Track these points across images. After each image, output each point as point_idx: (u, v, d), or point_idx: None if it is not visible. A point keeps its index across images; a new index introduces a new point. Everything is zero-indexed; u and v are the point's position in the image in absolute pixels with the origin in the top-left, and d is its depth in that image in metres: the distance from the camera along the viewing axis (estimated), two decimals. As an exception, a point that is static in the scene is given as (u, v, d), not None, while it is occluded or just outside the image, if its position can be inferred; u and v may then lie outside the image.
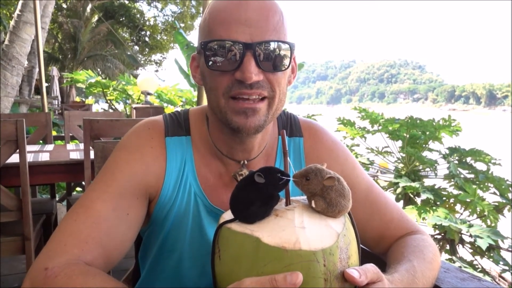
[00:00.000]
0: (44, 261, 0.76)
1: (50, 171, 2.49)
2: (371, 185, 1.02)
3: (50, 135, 3.58)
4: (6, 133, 2.14)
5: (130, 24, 25.17)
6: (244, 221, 0.65)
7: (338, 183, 0.66)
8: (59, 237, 0.81)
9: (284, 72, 0.87)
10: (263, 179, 0.63)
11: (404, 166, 4.10)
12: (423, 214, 3.30)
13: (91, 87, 5.51)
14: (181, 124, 0.99)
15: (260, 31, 0.81)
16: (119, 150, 0.93)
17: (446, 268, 0.89)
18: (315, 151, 1.03)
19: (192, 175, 0.95)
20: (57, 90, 13.74)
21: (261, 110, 0.85)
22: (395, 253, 0.89)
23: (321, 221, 0.65)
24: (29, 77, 9.63)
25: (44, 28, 7.44)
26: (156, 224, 0.96)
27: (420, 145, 4.07)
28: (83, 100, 17.06)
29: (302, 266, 0.58)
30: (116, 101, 6.99)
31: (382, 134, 4.21)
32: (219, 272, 0.65)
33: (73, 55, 20.86)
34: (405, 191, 3.63)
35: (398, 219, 0.99)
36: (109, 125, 2.26)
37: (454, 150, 3.81)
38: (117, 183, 0.87)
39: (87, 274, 0.73)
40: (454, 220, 3.22)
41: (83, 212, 0.83)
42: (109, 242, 0.82)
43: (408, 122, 3.94)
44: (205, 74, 0.88)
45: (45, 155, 2.70)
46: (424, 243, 0.89)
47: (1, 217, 2.24)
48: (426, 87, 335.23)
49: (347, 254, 0.63)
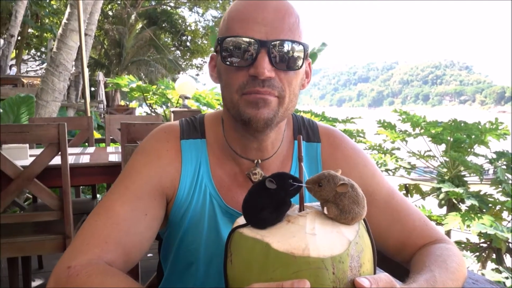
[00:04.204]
0: (67, 260, 0.80)
1: (90, 173, 2.59)
2: (392, 192, 1.00)
3: (92, 138, 3.72)
4: (49, 136, 2.24)
5: (172, 29, 25.86)
6: (255, 226, 0.65)
7: (352, 189, 0.64)
8: (81, 237, 0.84)
9: (297, 73, 0.89)
10: (274, 185, 0.63)
11: (447, 171, 3.95)
12: (467, 221, 3.15)
13: (132, 91, 5.70)
14: (197, 127, 1.02)
15: (275, 30, 0.84)
16: (137, 154, 0.98)
17: (475, 280, 0.84)
18: (332, 158, 1.03)
19: (207, 176, 0.97)
20: (103, 95, 14.30)
21: (272, 103, 0.87)
22: (417, 262, 0.86)
23: (333, 228, 0.64)
24: (76, 82, 10.08)
25: (91, 35, 7.78)
26: (174, 225, 0.99)
27: (464, 149, 3.90)
28: (127, 103, 17.67)
29: (311, 273, 0.57)
30: (158, 105, 7.19)
31: (424, 138, 4.07)
32: (230, 276, 0.66)
33: (118, 60, 21.67)
34: (448, 196, 3.49)
35: (421, 227, 0.96)
36: (144, 129, 2.32)
37: (502, 154, 3.62)
38: (135, 185, 0.91)
39: (106, 273, 0.76)
40: (501, 228, 3.06)
41: (103, 213, 0.87)
42: (128, 242, 0.86)
43: (451, 125, 3.78)
44: (221, 71, 0.91)
45: (86, 157, 2.80)
46: (448, 252, 0.86)
47: (44, 216, 2.35)
48: (474, 89, 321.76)
49: (359, 263, 0.61)
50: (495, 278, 2.86)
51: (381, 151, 4.18)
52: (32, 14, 15.04)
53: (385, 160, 4.03)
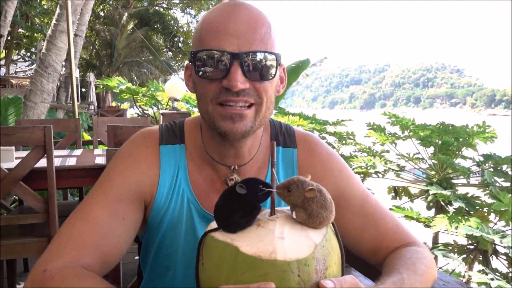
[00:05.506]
0: (43, 263, 0.81)
1: (76, 175, 2.58)
2: (366, 196, 1.02)
3: (80, 140, 3.70)
4: (35, 138, 2.23)
5: (165, 30, 25.81)
6: (226, 230, 0.67)
7: (320, 194, 0.66)
8: (58, 241, 0.85)
9: (271, 81, 0.90)
10: (244, 190, 0.65)
11: (435, 173, 3.98)
12: (454, 223, 3.18)
13: (122, 93, 5.68)
14: (176, 133, 1.04)
15: (247, 42, 0.85)
16: (116, 158, 0.99)
17: (446, 282, 0.86)
18: (308, 163, 1.04)
19: (185, 181, 0.99)
20: (93, 96, 14.23)
21: (248, 116, 0.88)
22: (387, 265, 0.88)
23: (301, 232, 0.65)
24: (66, 83, 10.03)
25: (81, 36, 7.74)
26: (152, 229, 1.00)
27: (452, 151, 3.93)
28: (119, 105, 17.60)
29: (277, 276, 0.59)
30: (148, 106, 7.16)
31: (413, 140, 4.10)
32: (202, 278, 0.68)
33: (110, 61, 21.59)
34: (436, 198, 3.51)
35: (394, 230, 0.98)
36: (131, 131, 2.31)
37: (489, 157, 3.66)
38: (113, 189, 0.92)
39: (81, 276, 0.77)
40: (487, 230, 3.09)
41: (81, 218, 0.88)
42: (106, 245, 0.87)
43: (440, 128, 3.81)
44: (196, 82, 0.92)
45: (73, 159, 2.79)
46: (418, 255, 0.88)
47: (29, 218, 2.33)
48: (465, 91, 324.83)
49: (325, 265, 0.63)
50: (482, 279, 2.88)
51: (370, 153, 4.20)
52: (22, 14, 14.92)
53: (375, 163, 4.05)
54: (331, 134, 4.37)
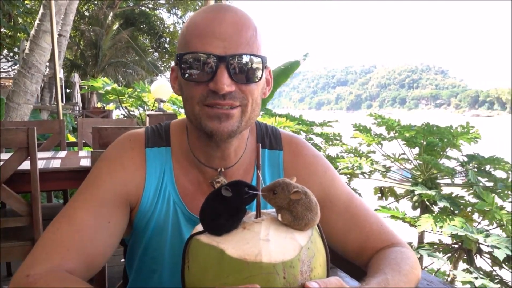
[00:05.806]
0: (26, 268, 0.80)
1: (60, 178, 2.54)
2: (351, 197, 1.03)
3: (64, 142, 3.64)
4: (18, 140, 2.19)
5: (151, 31, 25.65)
6: (212, 233, 0.67)
7: (305, 197, 0.66)
8: (41, 246, 0.84)
9: (257, 84, 0.91)
10: (230, 193, 0.65)
11: (420, 174, 4.02)
12: (439, 223, 3.22)
13: (107, 94, 5.62)
14: (162, 135, 1.03)
15: (233, 45, 0.85)
16: (101, 161, 0.98)
17: (430, 281, 0.88)
18: (294, 165, 1.05)
19: (171, 184, 0.98)
20: (78, 97, 14.06)
21: (235, 116, 0.89)
22: (372, 265, 0.89)
23: (286, 234, 0.66)
24: (51, 84, 9.89)
25: (65, 36, 7.64)
26: (138, 232, 1.00)
27: (437, 152, 3.98)
28: (104, 106, 17.40)
29: (262, 278, 0.60)
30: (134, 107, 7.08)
31: (399, 141, 4.14)
32: (187, 282, 0.68)
33: (95, 62, 21.34)
34: (421, 198, 3.55)
35: (378, 231, 0.99)
36: (117, 133, 2.29)
37: (473, 157, 3.71)
38: (98, 192, 0.91)
39: (65, 281, 0.76)
40: (471, 229, 3.13)
41: (65, 222, 0.87)
42: (90, 249, 0.86)
43: (424, 129, 3.86)
44: (182, 84, 0.92)
45: (57, 162, 2.75)
46: (402, 255, 0.89)
47: (12, 222, 2.29)
48: (449, 93, 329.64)
49: (310, 267, 0.64)
50: (466, 278, 2.92)
51: (357, 154, 4.23)
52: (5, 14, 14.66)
53: (361, 163, 4.08)
54: (318, 135, 4.39)
